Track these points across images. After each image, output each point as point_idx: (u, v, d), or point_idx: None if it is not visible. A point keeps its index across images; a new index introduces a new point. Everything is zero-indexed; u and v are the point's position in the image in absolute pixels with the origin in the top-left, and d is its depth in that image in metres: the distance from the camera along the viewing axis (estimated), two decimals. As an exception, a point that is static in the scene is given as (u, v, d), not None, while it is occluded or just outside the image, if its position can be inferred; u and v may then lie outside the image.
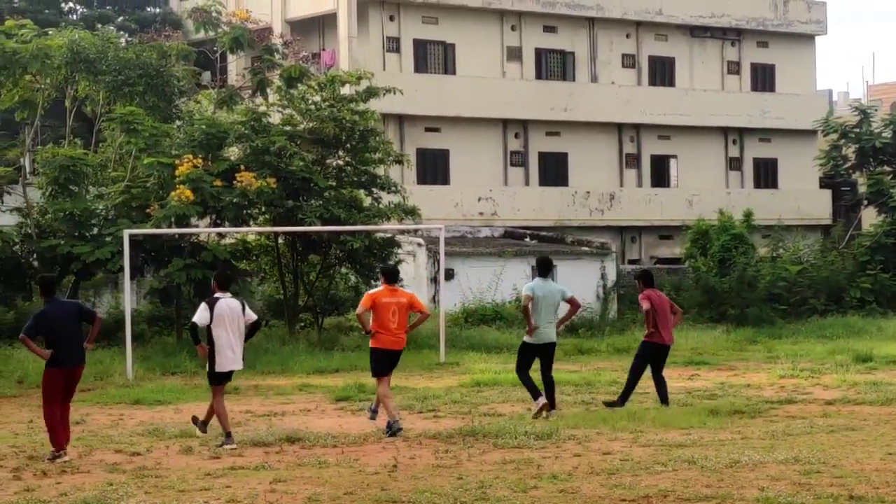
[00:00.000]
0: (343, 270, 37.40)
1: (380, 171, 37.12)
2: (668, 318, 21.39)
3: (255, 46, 38.33)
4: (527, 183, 52.58)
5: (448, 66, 51.26)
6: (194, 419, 18.64)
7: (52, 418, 16.34)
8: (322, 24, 50.89)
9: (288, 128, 35.58)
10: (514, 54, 52.44)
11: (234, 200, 32.65)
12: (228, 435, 17.33)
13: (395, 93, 36.53)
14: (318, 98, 36.06)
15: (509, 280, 40.93)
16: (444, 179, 50.61)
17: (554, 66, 53.74)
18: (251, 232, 35.56)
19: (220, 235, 35.12)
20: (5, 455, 16.63)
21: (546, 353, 20.72)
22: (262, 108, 36.41)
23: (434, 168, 50.37)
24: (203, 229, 34.51)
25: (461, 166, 50.63)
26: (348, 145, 35.60)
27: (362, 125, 35.19)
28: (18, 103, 35.12)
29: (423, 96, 48.15)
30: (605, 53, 54.51)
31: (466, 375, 27.44)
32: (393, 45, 49.87)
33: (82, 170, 33.59)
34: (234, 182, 32.75)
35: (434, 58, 50.96)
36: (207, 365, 17.63)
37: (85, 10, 58.73)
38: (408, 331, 19.44)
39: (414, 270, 41.27)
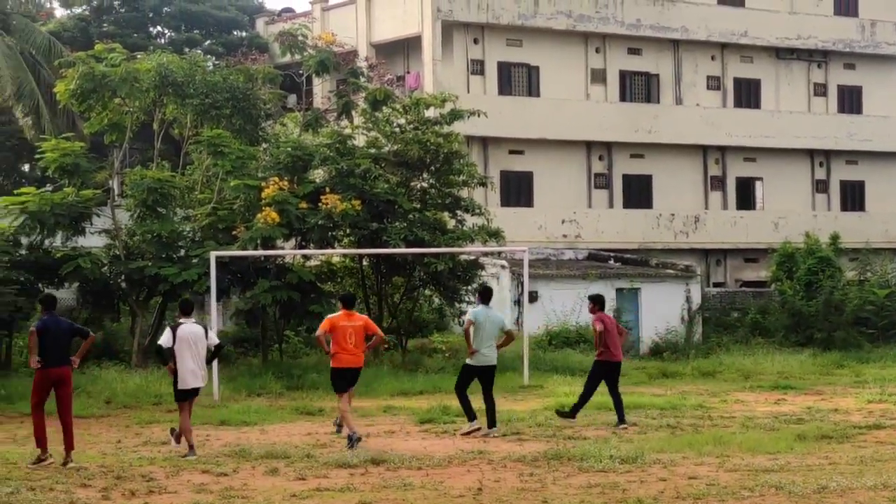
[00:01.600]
0: (427, 292, 37.49)
1: (464, 193, 37.20)
2: (616, 338, 23.10)
3: (341, 69, 38.53)
4: (611, 205, 52.38)
5: (532, 89, 51.20)
6: (172, 430, 20.05)
7: (39, 419, 18.15)
8: (407, 47, 51.07)
9: (373, 150, 35.77)
10: (599, 76, 52.31)
11: (320, 222, 32.83)
12: (191, 448, 18.90)
13: (479, 115, 36.63)
14: (402, 121, 36.26)
15: (593, 303, 40.81)
16: (527, 202, 50.54)
17: (638, 88, 53.54)
18: (336, 254, 35.73)
19: (306, 257, 35.31)
20: (94, 475, 16.78)
21: (486, 375, 21.78)
22: (348, 131, 36.63)
23: (518, 190, 50.30)
24: (288, 251, 34.72)
25: (545, 188, 50.53)
26: (433, 168, 35.72)
27: (446, 148, 35.30)
28: (107, 126, 35.46)
29: (507, 119, 48.14)
30: (690, 75, 54.22)
31: (550, 398, 27.36)
32: (477, 67, 49.91)
33: (170, 192, 33.92)
34: (320, 204, 32.97)
35: (518, 80, 50.94)
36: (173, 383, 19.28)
37: (173, 34, 59.39)
38: (364, 351, 20.96)
39: (497, 293, 41.13)
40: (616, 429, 22.11)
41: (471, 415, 21.62)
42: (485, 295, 22.32)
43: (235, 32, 60.04)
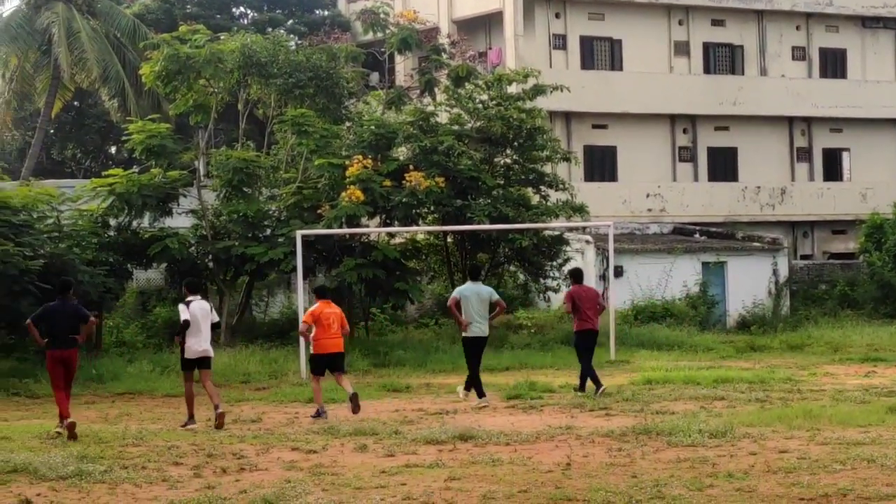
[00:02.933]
0: (511, 268, 37.45)
1: (547, 168, 37.12)
2: (593, 307, 24.02)
3: (423, 47, 38.51)
4: (696, 178, 52.02)
5: (615, 62, 50.96)
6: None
7: (58, 394, 19.47)
8: (488, 23, 50.98)
9: (456, 127, 35.77)
10: (682, 49, 51.91)
11: (404, 200, 32.90)
12: (191, 417, 20.43)
13: (561, 90, 36.50)
14: (485, 97, 36.22)
15: (679, 277, 40.67)
16: (611, 176, 50.35)
17: (722, 59, 53.07)
18: (420, 231, 35.80)
19: (390, 235, 35.42)
20: (186, 453, 16.94)
21: (473, 345, 23.00)
22: (430, 108, 36.65)
23: (602, 165, 50.11)
24: (373, 229, 34.83)
25: (629, 162, 50.31)
26: (516, 143, 35.67)
27: (529, 123, 35.25)
28: (192, 107, 35.71)
29: (589, 93, 47.93)
30: (775, 46, 53.64)
31: (637, 373, 27.30)
32: (559, 42, 49.72)
33: (255, 172, 34.18)
34: (403, 182, 33.04)
35: (601, 54, 50.70)
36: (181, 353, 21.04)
37: (255, 15, 59.72)
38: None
39: (582, 268, 41.07)
40: (599, 392, 23.11)
41: (480, 391, 22.77)
42: (473, 271, 24.40)
43: (318, 11, 60.24)
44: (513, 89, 36.90)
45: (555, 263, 36.11)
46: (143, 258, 33.53)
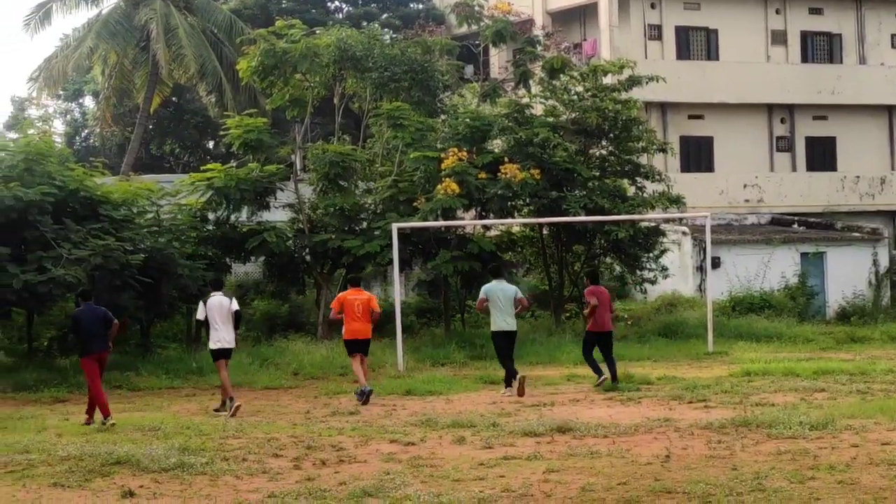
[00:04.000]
0: (608, 260, 37.31)
1: (643, 159, 36.92)
2: (607, 310, 24.89)
3: (517, 39, 38.45)
4: (794, 168, 51.49)
5: (711, 52, 50.56)
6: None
7: (98, 393, 20.67)
8: (583, 14, 50.80)
9: (551, 119, 35.69)
10: (779, 38, 51.38)
11: (499, 192, 32.88)
12: (231, 399, 21.71)
13: (657, 81, 36.24)
14: (580, 88, 36.09)
15: (777, 267, 40.32)
16: (708, 167, 49.97)
17: (820, 48, 52.46)
18: (516, 223, 35.79)
19: (486, 227, 35.43)
20: (285, 445, 17.08)
21: (504, 338, 24.11)
22: (525, 100, 36.58)
23: (698, 155, 49.74)
24: (469, 221, 34.86)
25: (726, 153, 49.90)
26: (611, 135, 35.52)
27: (625, 114, 35.07)
28: (289, 102, 35.96)
29: (685, 83, 47.62)
30: (874, 34, 52.94)
31: (736, 365, 27.11)
32: (654, 32, 49.45)
33: (351, 165, 34.34)
34: (499, 174, 33.01)
35: (696, 44, 50.33)
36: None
37: (350, 9, 59.95)
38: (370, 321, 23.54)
39: (679, 259, 40.94)
40: (599, 381, 23.98)
41: (510, 377, 23.74)
42: (494, 271, 25.39)
43: (412, 5, 60.37)
44: (608, 80, 36.72)
45: (651, 255, 35.93)
46: (241, 252, 33.80)
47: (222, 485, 14.12)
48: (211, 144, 64.57)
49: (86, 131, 65.13)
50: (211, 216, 34.17)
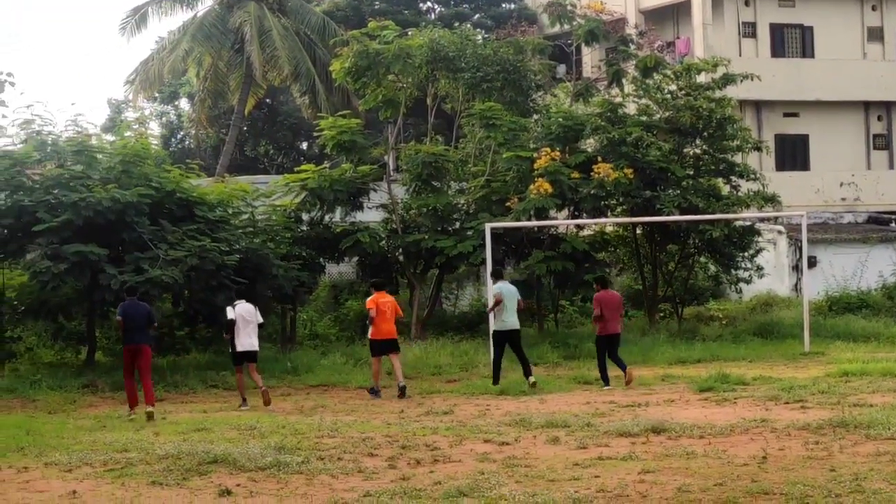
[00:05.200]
0: (702, 260, 37.07)
1: (738, 158, 36.59)
2: (615, 312, 25.51)
3: (610, 38, 38.31)
4: (891, 166, 50.87)
5: (806, 50, 50.09)
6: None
7: (128, 385, 22.07)
8: (676, 12, 50.52)
9: (644, 118, 35.53)
10: (876, 35, 50.77)
11: (592, 192, 32.79)
12: (244, 400, 23.13)
13: (752, 79, 35.92)
14: (673, 87, 35.90)
15: (874, 267, 39.82)
16: (803, 165, 49.50)
17: (918, 44, 51.81)
18: (609, 223, 35.66)
19: (579, 227, 35.34)
20: (380, 444, 17.13)
21: (513, 337, 25.27)
22: (618, 100, 36.43)
23: (793, 154, 49.30)
24: (562, 221, 34.79)
25: (821, 151, 49.40)
26: (705, 133, 35.27)
27: (719, 113, 34.79)
28: (382, 103, 36.09)
29: (780, 81, 47.23)
30: (974, 28, 52.16)
31: (832, 365, 26.76)
32: (749, 30, 49.07)
33: (444, 166, 34.41)
34: (592, 173, 32.91)
35: (791, 41, 49.88)
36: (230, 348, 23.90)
37: (442, 9, 60.01)
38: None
39: (775, 259, 40.60)
40: (605, 389, 24.60)
41: (497, 378, 25.09)
42: (499, 274, 26.57)
43: (504, 5, 60.29)
44: (702, 79, 36.50)
45: (746, 254, 35.62)
46: (335, 252, 34.02)
47: (318, 484, 14.19)
48: (304, 146, 65.00)
49: (181, 133, 65.84)
50: (305, 217, 34.45)
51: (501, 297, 25.13)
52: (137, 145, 30.12)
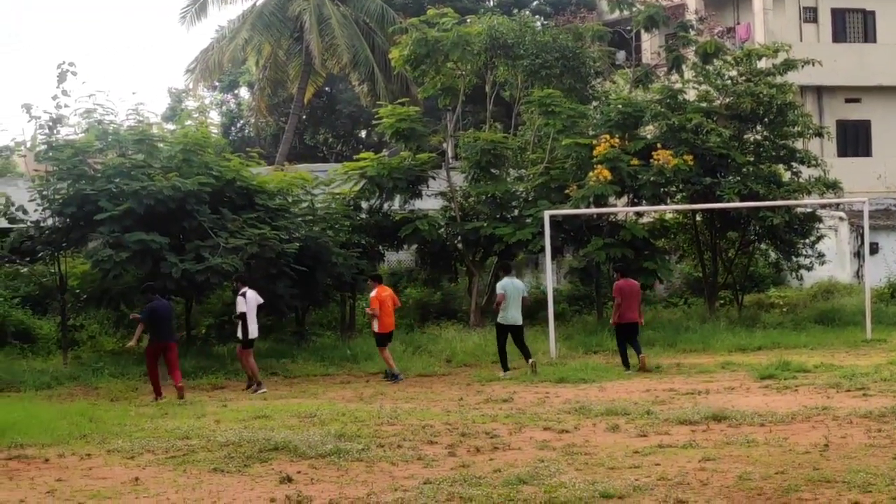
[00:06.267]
0: (763, 246, 36.84)
1: (799, 144, 36.32)
2: (634, 301, 26.27)
3: (670, 23, 38.09)
4: (955, 152, 50.34)
5: (868, 34, 49.61)
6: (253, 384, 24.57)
7: (153, 375, 23.22)
8: (736, -2, 50.22)
9: (704, 104, 35.30)
10: (940, 18, 50.23)
11: (651, 179, 32.65)
12: (259, 383, 24.22)
13: (812, 64, 35.65)
14: (734, 73, 35.66)
15: (939, 253, 39.45)
16: (865, 151, 49.05)
17: (983, 28, 51.17)
18: (668, 210, 35.49)
19: (638, 214, 35.20)
20: (439, 432, 17.16)
21: (515, 331, 26.12)
22: (678, 86, 36.22)
23: (855, 140, 48.86)
24: (621, 208, 34.68)
25: (884, 137, 48.92)
26: (766, 119, 35.02)
27: (780, 99, 34.53)
28: (440, 90, 36.13)
29: (842, 66, 46.82)
30: None
31: (895, 352, 26.54)
32: (810, 14, 48.66)
33: (502, 153, 34.39)
34: (651, 160, 32.79)
35: (853, 26, 49.42)
36: (242, 335, 24.70)
37: (501, -4, 59.96)
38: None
39: (836, 245, 40.28)
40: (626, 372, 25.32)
41: (505, 365, 25.76)
42: (507, 268, 27.22)
43: (562, -9, 60.15)
44: (762, 64, 36.23)
45: (807, 241, 35.36)
46: (394, 240, 34.10)
47: (378, 471, 14.23)
48: (363, 133, 65.15)
49: (241, 122, 66.17)
50: (364, 205, 34.54)
51: (504, 294, 25.89)
52: (198, 134, 30.28)
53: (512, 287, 26.02)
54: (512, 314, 25.93)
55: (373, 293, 26.21)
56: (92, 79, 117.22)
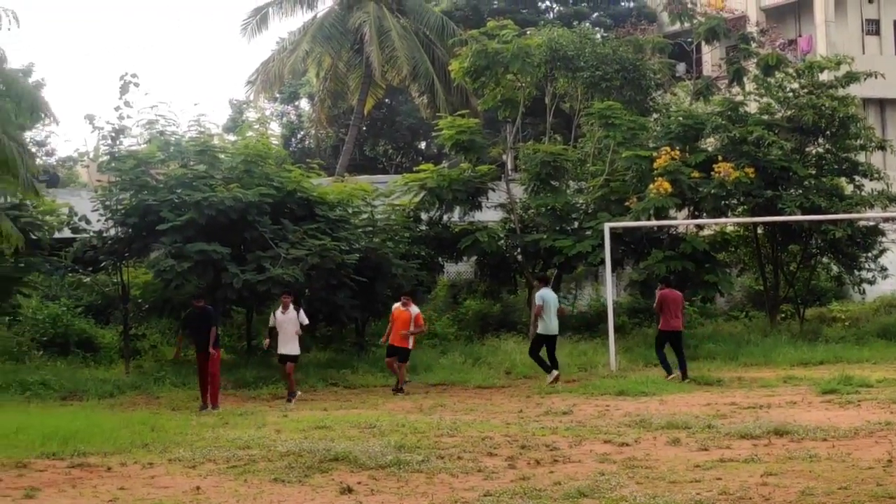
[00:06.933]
0: (825, 260, 36.59)
1: (861, 157, 36.06)
2: (677, 310, 27.08)
3: (731, 36, 37.91)
4: None
5: (931, 47, 49.24)
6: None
7: (201, 385, 23.47)
8: (798, 10, 49.95)
9: (765, 116, 35.12)
10: None
11: (712, 191, 32.49)
12: (292, 393, 24.43)
13: (875, 77, 35.38)
14: (795, 85, 35.46)
15: None
16: (929, 164, 48.61)
17: None
18: (729, 223, 35.33)
19: (699, 227, 35.06)
20: (499, 444, 17.14)
21: (552, 341, 26.90)
22: (739, 98, 36.05)
23: (918, 153, 48.42)
24: (681, 221, 34.55)
25: (947, 150, 48.45)
26: (828, 132, 34.80)
27: (842, 111, 34.30)
28: (500, 102, 36.17)
29: (905, 79, 46.45)
30: None
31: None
32: (872, 27, 48.35)
33: (562, 165, 34.35)
34: (712, 173, 32.64)
35: (916, 38, 49.08)
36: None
37: (561, 8, 59.96)
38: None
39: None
40: (668, 378, 26.06)
41: (547, 367, 26.58)
42: (544, 279, 28.14)
43: (623, 3, 60.13)
44: (824, 77, 36.01)
45: (870, 255, 35.09)
46: (454, 251, 34.13)
47: (438, 483, 14.24)
48: (423, 145, 65.26)
49: (301, 133, 66.42)
50: (424, 216, 34.60)
51: (540, 305, 26.65)
52: (259, 145, 30.45)
53: (551, 298, 26.87)
54: (553, 323, 26.73)
55: (418, 311, 26.86)
56: (154, 90, 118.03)
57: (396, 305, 26.65)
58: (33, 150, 41.22)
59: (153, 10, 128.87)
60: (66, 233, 30.42)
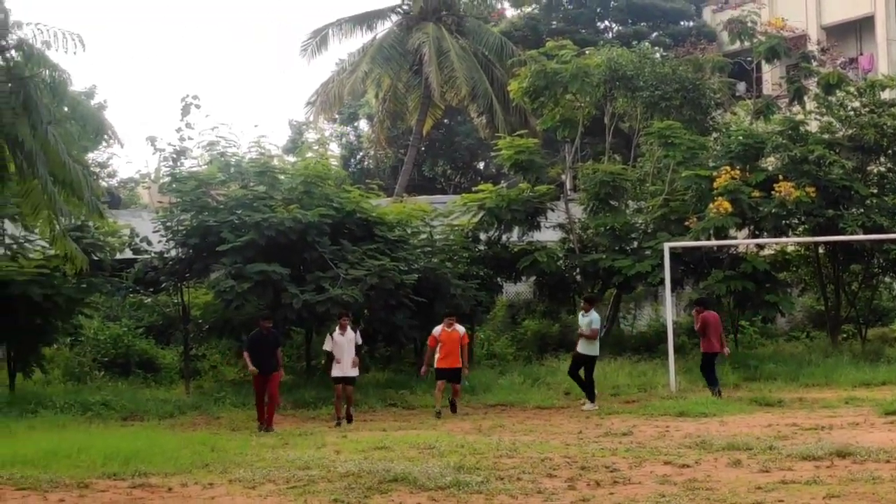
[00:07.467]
0: (887, 279, 36.29)
1: (924, 176, 35.73)
2: (720, 332, 27.56)
3: (791, 54, 37.71)
4: None
5: None
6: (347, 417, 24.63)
7: (259, 404, 23.59)
8: (859, 28, 49.63)
9: (826, 135, 34.89)
10: None
11: (773, 211, 32.31)
12: (339, 419, 24.24)
13: (938, 94, 35.12)
14: (857, 104, 35.22)
15: None
16: None
17: None
18: (790, 242, 35.10)
19: (759, 246, 34.86)
20: (559, 465, 17.08)
21: (593, 362, 26.66)
22: (800, 117, 35.85)
23: (982, 171, 47.89)
24: (741, 241, 34.36)
25: None
26: (890, 151, 34.54)
27: (904, 130, 34.03)
28: (559, 122, 36.19)
29: (968, 96, 46.02)
30: None
31: None
32: (934, 45, 47.97)
33: (622, 185, 34.31)
34: (772, 192, 32.45)
35: (979, 56, 48.61)
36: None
37: (620, 28, 59.90)
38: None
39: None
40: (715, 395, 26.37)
41: (592, 394, 26.25)
42: (593, 301, 27.75)
43: (682, 22, 59.97)
44: (886, 95, 35.78)
45: (934, 275, 34.81)
46: (513, 272, 34.14)
47: (498, 504, 14.22)
48: (482, 165, 65.33)
49: (360, 154, 66.64)
50: (482, 236, 34.63)
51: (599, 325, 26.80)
52: (318, 166, 30.60)
53: (601, 320, 27.15)
54: (597, 345, 26.74)
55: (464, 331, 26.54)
56: (215, 112, 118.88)
57: (440, 328, 25.96)
58: (95, 171, 41.56)
59: (215, 32, 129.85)
60: (128, 254, 30.64)
